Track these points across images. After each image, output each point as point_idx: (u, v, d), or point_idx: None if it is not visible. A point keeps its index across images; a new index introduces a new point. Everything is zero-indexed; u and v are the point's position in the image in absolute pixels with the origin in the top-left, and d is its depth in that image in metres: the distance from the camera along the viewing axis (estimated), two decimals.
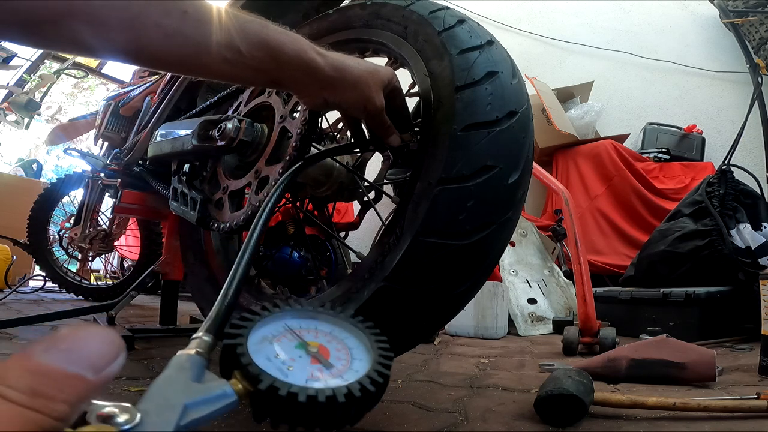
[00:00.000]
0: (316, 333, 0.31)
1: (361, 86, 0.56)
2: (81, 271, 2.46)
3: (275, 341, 0.29)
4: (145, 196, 1.33)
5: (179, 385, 0.24)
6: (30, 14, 0.40)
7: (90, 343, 0.17)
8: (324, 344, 0.30)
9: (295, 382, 0.26)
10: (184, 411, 0.23)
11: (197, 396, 0.24)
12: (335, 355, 0.30)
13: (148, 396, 0.22)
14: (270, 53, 0.50)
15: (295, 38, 0.52)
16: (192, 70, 0.55)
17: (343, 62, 0.55)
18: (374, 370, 0.28)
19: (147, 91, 1.32)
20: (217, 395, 0.25)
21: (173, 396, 0.23)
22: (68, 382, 0.16)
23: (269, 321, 0.31)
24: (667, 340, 1.01)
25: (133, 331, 1.22)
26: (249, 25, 0.50)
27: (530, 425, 0.68)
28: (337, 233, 1.03)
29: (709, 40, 3.06)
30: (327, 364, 0.29)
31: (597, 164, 2.60)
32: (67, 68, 3.74)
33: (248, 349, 0.27)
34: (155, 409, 0.21)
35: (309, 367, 0.28)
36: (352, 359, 0.30)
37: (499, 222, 0.57)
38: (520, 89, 0.61)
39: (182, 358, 0.27)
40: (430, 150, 0.59)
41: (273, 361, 0.27)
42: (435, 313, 0.61)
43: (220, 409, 0.25)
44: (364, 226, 0.99)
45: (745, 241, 1.64)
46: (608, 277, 2.37)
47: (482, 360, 1.24)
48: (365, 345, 0.31)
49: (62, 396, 0.15)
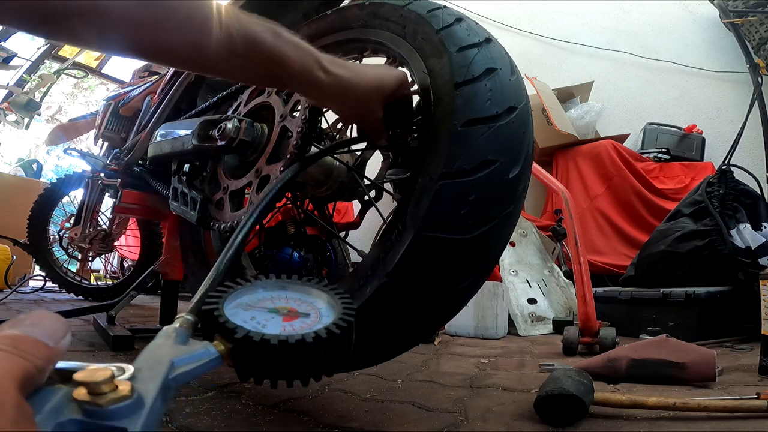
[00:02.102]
0: (287, 299, 0.35)
1: (359, 103, 0.58)
2: (81, 271, 2.46)
3: (249, 308, 0.33)
4: (145, 196, 1.33)
5: (167, 348, 0.28)
6: (57, 10, 0.41)
7: (46, 322, 0.21)
8: (294, 307, 0.34)
9: (269, 332, 0.29)
10: (172, 366, 0.25)
11: (183, 354, 0.27)
12: (304, 313, 0.33)
13: (139, 357, 0.25)
14: (276, 66, 0.52)
15: (303, 53, 0.53)
16: (203, 71, 0.59)
17: (349, 81, 0.55)
18: (339, 319, 0.32)
19: (147, 91, 1.32)
20: (200, 353, 0.28)
21: (162, 355, 0.26)
22: (37, 345, 0.19)
23: (243, 292, 0.34)
24: (667, 340, 1.01)
25: (133, 331, 1.22)
26: (260, 36, 0.50)
27: (530, 425, 0.68)
28: (337, 232, 1.03)
29: (709, 40, 3.06)
30: (297, 319, 0.32)
31: (597, 164, 2.60)
32: (67, 68, 3.75)
33: (224, 312, 0.31)
34: (146, 364, 0.24)
35: (282, 324, 0.31)
36: (320, 315, 0.33)
37: (500, 216, 0.57)
38: (518, 85, 0.62)
39: (168, 329, 0.31)
40: (430, 146, 0.59)
41: (248, 322, 0.31)
42: (438, 308, 0.61)
43: (203, 365, 0.28)
44: (364, 225, 0.99)
45: (745, 241, 1.64)
46: (608, 277, 2.37)
47: (482, 360, 1.24)
48: (331, 304, 0.35)
49: (37, 353, 0.19)
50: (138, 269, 2.29)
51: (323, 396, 0.82)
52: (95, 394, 0.20)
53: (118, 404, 0.20)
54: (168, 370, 0.25)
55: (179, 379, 0.26)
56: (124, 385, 0.20)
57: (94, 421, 0.19)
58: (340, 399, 0.80)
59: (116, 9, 0.43)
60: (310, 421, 0.69)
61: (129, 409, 0.20)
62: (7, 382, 0.17)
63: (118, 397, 0.20)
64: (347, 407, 0.76)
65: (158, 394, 0.22)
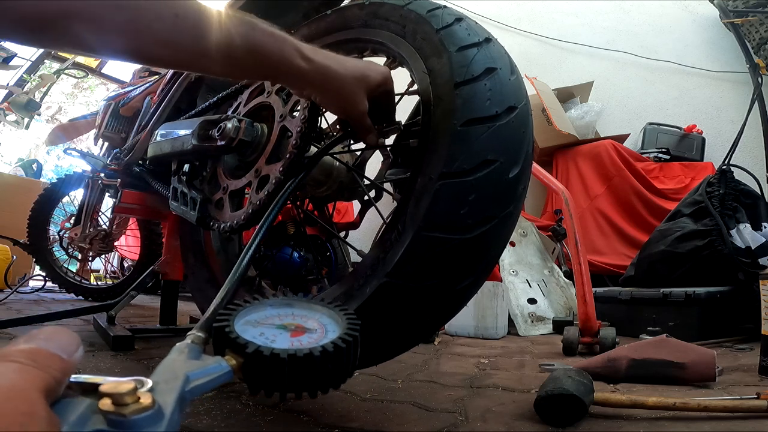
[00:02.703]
0: (293, 316, 0.37)
1: (343, 92, 0.58)
2: (81, 271, 2.46)
3: (258, 325, 0.34)
4: (145, 196, 1.33)
5: (181, 363, 0.29)
6: (29, 14, 0.41)
7: (59, 336, 0.21)
8: (301, 323, 0.36)
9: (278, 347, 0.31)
10: (187, 380, 0.27)
11: (197, 369, 0.28)
12: (311, 329, 0.35)
13: (156, 371, 0.27)
14: (256, 58, 0.52)
15: (281, 42, 0.53)
16: (188, 68, 0.59)
17: (329, 68, 0.56)
18: (344, 333, 0.34)
19: (147, 91, 1.32)
20: (213, 367, 0.29)
21: (177, 369, 0.27)
22: (53, 358, 0.20)
23: (251, 310, 0.36)
24: (667, 340, 1.01)
25: (133, 331, 1.22)
26: (238, 29, 0.51)
27: (530, 425, 0.68)
28: (337, 232, 1.03)
29: (709, 40, 3.06)
30: (304, 335, 0.34)
31: (597, 164, 2.60)
32: (67, 68, 3.75)
33: (235, 328, 0.32)
34: (163, 378, 0.26)
35: (290, 339, 0.33)
36: (326, 331, 0.35)
37: (500, 216, 0.57)
38: (518, 85, 0.62)
39: (181, 345, 0.32)
40: (430, 146, 0.59)
41: (257, 338, 0.32)
42: (438, 308, 0.61)
43: (216, 378, 0.29)
44: (364, 225, 0.99)
45: (745, 241, 1.64)
46: (608, 277, 2.37)
47: (482, 360, 1.24)
48: (336, 320, 0.37)
49: (54, 366, 0.19)
50: (138, 269, 2.29)
51: (323, 396, 0.82)
52: (119, 404, 0.20)
53: (140, 414, 0.21)
54: (184, 383, 0.26)
55: (194, 391, 0.27)
56: (146, 397, 0.21)
57: (119, 431, 0.20)
58: (340, 399, 0.80)
59: (103, 11, 0.43)
60: (310, 421, 0.69)
61: (151, 420, 0.21)
62: (34, 394, 0.18)
63: (140, 407, 0.21)
64: (347, 407, 0.76)
65: (176, 406, 0.23)
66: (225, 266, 0.97)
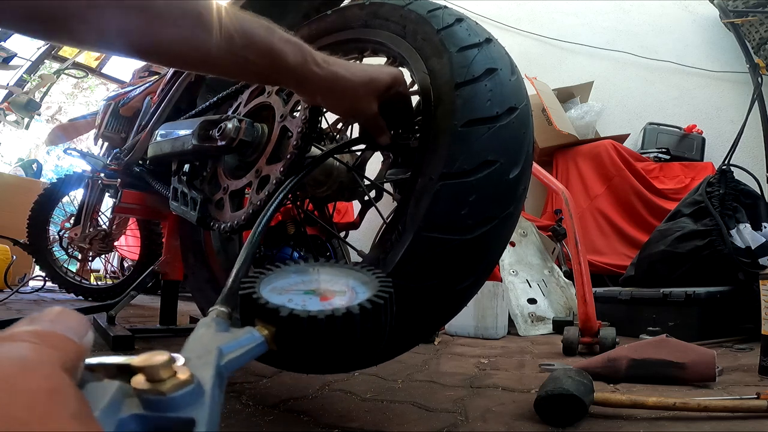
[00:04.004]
0: (320, 281, 0.34)
1: (351, 98, 0.59)
2: (81, 271, 2.46)
3: (284, 292, 0.31)
4: (145, 196, 1.33)
5: (210, 336, 0.26)
6: (52, 11, 0.41)
7: (66, 317, 0.19)
8: (328, 287, 0.33)
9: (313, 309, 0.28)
10: (220, 354, 0.24)
11: (229, 341, 0.25)
12: (340, 292, 0.32)
13: (185, 347, 0.24)
14: (272, 61, 0.53)
15: (298, 48, 0.54)
16: (200, 68, 0.59)
17: (337, 74, 0.57)
18: (379, 291, 0.31)
19: (147, 91, 1.32)
20: (246, 338, 0.27)
21: (208, 343, 0.24)
22: (65, 340, 0.17)
23: (275, 277, 0.33)
24: (667, 340, 1.01)
25: (133, 331, 1.22)
26: (255, 31, 0.51)
27: (530, 425, 0.68)
28: (337, 233, 1.03)
29: (709, 40, 3.06)
30: (335, 297, 0.31)
31: (597, 164, 2.60)
32: (67, 68, 3.75)
33: (262, 294, 0.29)
34: (194, 353, 0.23)
35: (321, 303, 0.30)
36: (356, 293, 0.32)
37: (501, 217, 0.57)
38: (519, 86, 0.62)
39: (206, 320, 0.29)
40: (431, 146, 0.59)
41: (287, 303, 0.29)
42: (438, 309, 0.61)
43: (251, 350, 0.26)
44: (364, 225, 0.99)
45: (745, 241, 1.64)
46: (608, 277, 2.37)
47: (482, 360, 1.24)
48: (363, 281, 0.34)
49: (67, 347, 0.17)
50: (138, 269, 2.29)
51: (323, 396, 0.82)
52: (155, 381, 0.18)
53: (180, 391, 0.18)
54: (218, 357, 0.23)
55: (229, 366, 0.24)
56: (183, 372, 0.19)
57: (158, 414, 0.17)
58: (340, 399, 0.80)
59: (113, 8, 0.43)
60: (310, 421, 0.69)
61: (192, 397, 0.18)
62: (56, 370, 0.15)
63: (179, 382, 0.18)
64: (347, 407, 0.76)
65: (215, 381, 0.21)
66: (225, 266, 0.97)
